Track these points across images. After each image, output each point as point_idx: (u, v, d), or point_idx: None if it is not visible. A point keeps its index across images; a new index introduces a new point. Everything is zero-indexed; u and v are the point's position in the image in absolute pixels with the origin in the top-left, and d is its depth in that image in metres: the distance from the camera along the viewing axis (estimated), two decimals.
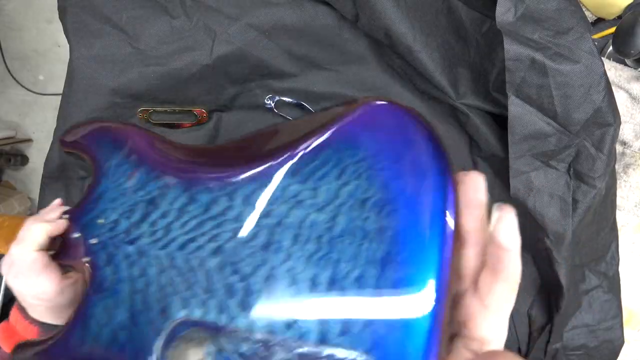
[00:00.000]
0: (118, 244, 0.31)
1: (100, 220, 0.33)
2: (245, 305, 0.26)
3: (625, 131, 0.64)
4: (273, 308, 0.26)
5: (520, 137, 0.47)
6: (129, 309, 0.29)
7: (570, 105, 0.44)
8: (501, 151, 0.52)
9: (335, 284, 0.25)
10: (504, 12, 0.43)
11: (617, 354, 0.59)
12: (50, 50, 1.50)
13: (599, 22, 0.68)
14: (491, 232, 0.22)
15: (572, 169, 0.49)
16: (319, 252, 0.25)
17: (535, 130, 0.46)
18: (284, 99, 0.56)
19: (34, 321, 0.36)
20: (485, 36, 0.52)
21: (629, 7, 0.62)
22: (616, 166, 0.60)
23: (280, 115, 0.57)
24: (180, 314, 0.27)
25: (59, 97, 0.56)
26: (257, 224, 0.27)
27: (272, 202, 0.27)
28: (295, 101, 0.56)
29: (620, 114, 0.47)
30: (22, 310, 0.37)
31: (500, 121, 0.53)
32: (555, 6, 0.42)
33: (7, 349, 0.36)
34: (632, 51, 0.58)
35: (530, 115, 0.46)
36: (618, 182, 0.63)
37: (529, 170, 0.49)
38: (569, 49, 0.43)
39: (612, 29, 0.64)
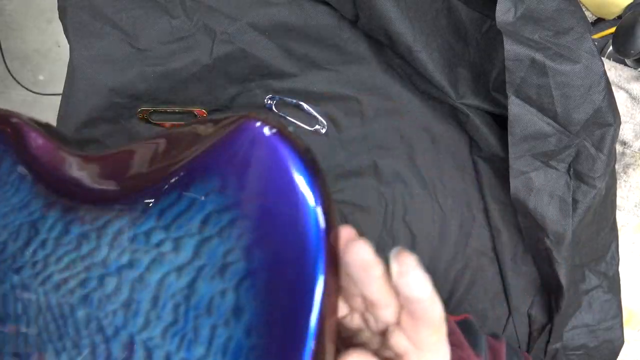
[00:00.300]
0: (5, 271, 0.27)
1: None
2: None
3: (625, 131, 0.64)
4: None
5: (520, 137, 0.47)
6: (12, 355, 0.25)
7: (570, 105, 0.44)
8: (501, 151, 0.52)
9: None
10: (504, 12, 0.43)
11: (617, 354, 0.59)
12: (50, 50, 1.50)
13: (599, 22, 0.68)
14: (396, 287, 0.21)
15: (572, 169, 0.49)
16: (175, 325, 0.22)
17: (535, 130, 0.46)
18: (284, 99, 0.56)
19: None
20: (485, 36, 0.52)
21: (629, 7, 0.62)
22: (616, 166, 0.60)
23: (281, 115, 0.57)
24: None
25: (59, 97, 0.56)
26: (120, 275, 0.23)
27: (135, 249, 0.23)
28: (295, 101, 0.56)
29: (620, 114, 0.46)
30: None
31: (500, 121, 0.53)
32: (555, 6, 0.42)
33: None
34: (632, 51, 0.58)
35: (530, 115, 0.46)
36: (618, 182, 0.63)
37: (529, 170, 0.49)
38: (569, 49, 0.43)
39: (612, 29, 0.64)
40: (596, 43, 0.67)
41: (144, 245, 0.23)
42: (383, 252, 0.22)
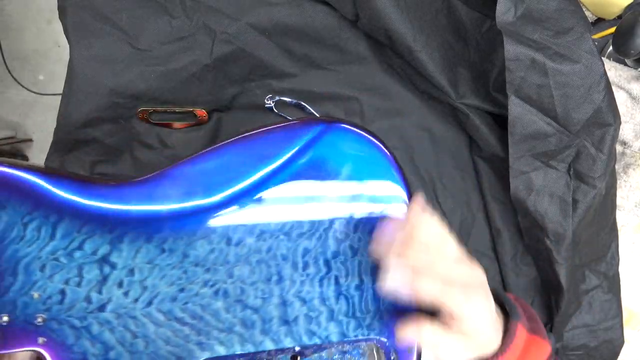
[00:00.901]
0: (82, 315, 0.28)
1: (36, 295, 0.28)
2: (267, 331, 0.28)
3: (625, 131, 0.64)
4: (292, 327, 0.29)
5: (520, 137, 0.47)
6: None
7: (570, 105, 0.44)
8: (501, 151, 0.52)
9: (341, 295, 0.29)
10: (504, 12, 0.43)
11: (617, 354, 0.59)
12: (50, 50, 1.50)
13: (599, 22, 0.68)
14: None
15: (572, 169, 0.49)
16: (319, 273, 0.29)
17: (535, 130, 0.46)
18: (284, 99, 0.56)
19: None
20: (485, 36, 0.52)
21: (629, 7, 0.62)
22: (616, 166, 0.60)
23: (281, 115, 0.57)
24: (203, 357, 0.28)
25: (59, 97, 0.55)
26: (249, 261, 0.29)
27: (259, 238, 0.29)
28: (295, 101, 0.56)
29: (620, 114, 0.47)
30: None
31: (500, 121, 0.53)
32: (555, 6, 0.42)
33: None
34: (632, 51, 0.58)
35: (530, 115, 0.46)
36: (618, 182, 0.63)
37: (529, 170, 0.49)
38: (569, 49, 0.43)
39: (612, 29, 0.64)
40: (596, 43, 0.67)
41: (267, 232, 0.29)
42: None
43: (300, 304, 0.29)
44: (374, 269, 0.30)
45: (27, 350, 0.28)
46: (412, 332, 0.30)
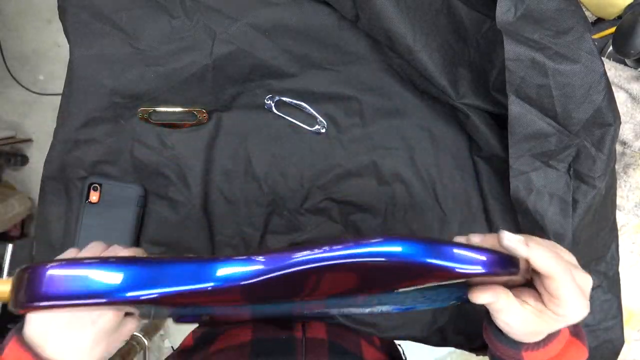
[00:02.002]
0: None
1: None
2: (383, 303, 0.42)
3: (625, 131, 0.64)
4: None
5: (520, 137, 0.47)
6: None
7: (570, 105, 0.44)
8: (501, 151, 0.52)
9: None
10: (504, 12, 0.43)
11: (617, 354, 0.59)
12: (50, 50, 1.50)
13: (599, 22, 0.68)
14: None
15: (572, 169, 0.49)
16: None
17: (535, 130, 0.46)
18: (284, 99, 0.56)
19: None
20: (485, 36, 0.52)
21: (629, 7, 0.62)
22: (616, 166, 0.60)
23: (280, 115, 0.57)
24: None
25: (59, 97, 0.55)
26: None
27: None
28: (295, 101, 0.56)
29: (620, 114, 0.46)
30: (29, 347, 0.33)
31: (500, 121, 0.53)
32: (555, 6, 0.42)
33: None
34: (632, 51, 0.58)
35: (530, 115, 0.46)
36: (618, 182, 0.63)
37: (529, 170, 0.49)
38: (569, 49, 0.43)
39: (612, 29, 0.64)
40: (596, 43, 0.68)
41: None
42: None
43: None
44: None
45: None
46: (488, 295, 0.33)
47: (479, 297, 0.33)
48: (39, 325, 0.34)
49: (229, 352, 0.48)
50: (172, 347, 1.07)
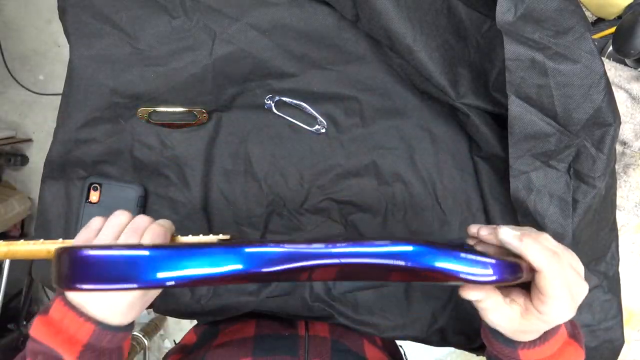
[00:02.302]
0: None
1: None
2: None
3: (625, 131, 0.64)
4: None
5: (520, 137, 0.47)
6: None
7: (570, 105, 0.44)
8: (501, 151, 0.52)
9: None
10: (504, 12, 0.43)
11: (617, 354, 0.59)
12: (50, 50, 1.50)
13: (599, 22, 0.68)
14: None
15: (572, 169, 0.49)
16: None
17: (535, 130, 0.46)
18: (284, 99, 0.56)
19: (90, 319, 0.35)
20: (485, 36, 0.52)
21: (629, 7, 0.62)
22: (616, 166, 0.60)
23: (280, 115, 0.57)
24: None
25: (59, 97, 0.56)
26: None
27: None
28: (295, 101, 0.56)
29: (620, 114, 0.46)
30: (73, 306, 0.35)
31: (500, 121, 0.53)
32: (555, 6, 0.42)
33: (54, 344, 0.34)
34: (632, 51, 0.58)
35: (530, 115, 0.46)
36: (618, 182, 0.63)
37: (529, 170, 0.49)
38: (569, 49, 0.43)
39: (612, 29, 0.64)
40: (596, 43, 0.67)
41: None
42: None
43: None
44: None
45: None
46: (477, 293, 0.34)
47: (469, 293, 0.34)
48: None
49: (231, 347, 0.48)
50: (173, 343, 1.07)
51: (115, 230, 0.37)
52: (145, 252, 0.31)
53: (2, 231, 1.38)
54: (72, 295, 0.36)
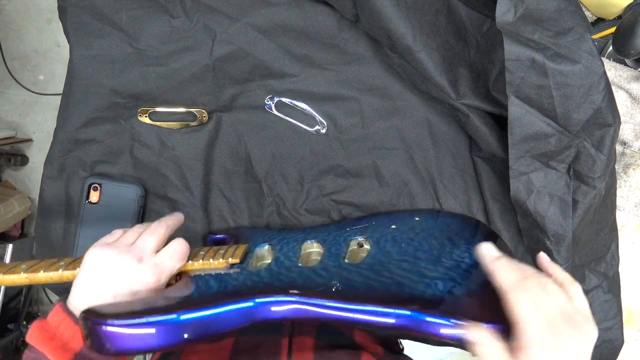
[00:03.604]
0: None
1: None
2: None
3: (625, 131, 0.64)
4: None
5: (520, 138, 0.47)
6: None
7: (570, 105, 0.44)
8: (501, 151, 0.52)
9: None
10: (504, 12, 0.43)
11: (617, 354, 0.59)
12: (50, 50, 1.50)
13: (599, 22, 0.68)
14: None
15: (572, 170, 0.49)
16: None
17: (535, 130, 0.46)
18: (284, 99, 0.56)
19: None
20: (485, 36, 0.52)
21: (629, 7, 0.62)
22: (616, 166, 0.60)
23: (280, 115, 0.57)
24: None
25: (59, 97, 0.56)
26: None
27: None
28: (295, 101, 0.56)
29: (620, 114, 0.46)
30: (71, 312, 0.35)
31: (500, 121, 0.53)
32: (555, 6, 0.42)
33: (46, 350, 0.34)
34: (632, 51, 0.58)
35: (530, 116, 0.46)
36: (618, 182, 0.63)
37: (529, 171, 0.49)
38: (569, 49, 0.43)
39: (612, 29, 0.64)
40: (596, 43, 0.68)
41: None
42: None
43: None
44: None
45: None
46: (474, 333, 0.33)
47: (472, 333, 0.34)
48: (82, 297, 0.36)
49: (204, 354, 0.45)
50: None
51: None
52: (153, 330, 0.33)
53: (2, 231, 1.38)
54: (75, 303, 0.36)
